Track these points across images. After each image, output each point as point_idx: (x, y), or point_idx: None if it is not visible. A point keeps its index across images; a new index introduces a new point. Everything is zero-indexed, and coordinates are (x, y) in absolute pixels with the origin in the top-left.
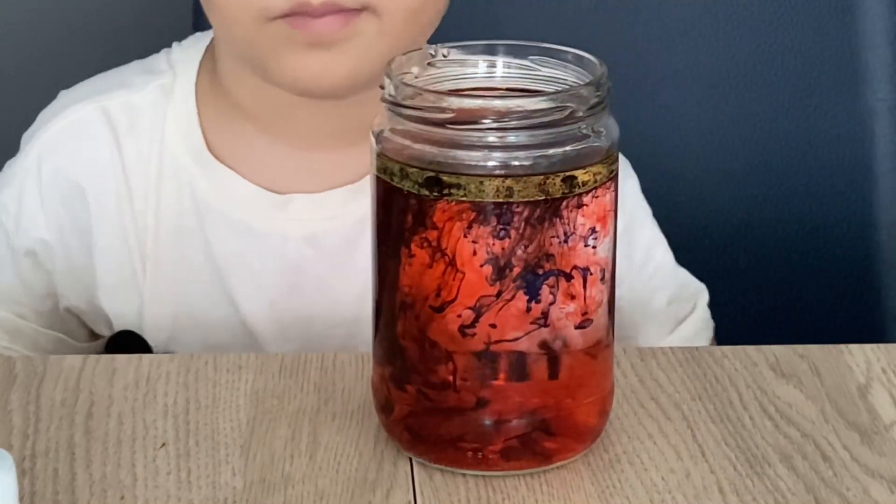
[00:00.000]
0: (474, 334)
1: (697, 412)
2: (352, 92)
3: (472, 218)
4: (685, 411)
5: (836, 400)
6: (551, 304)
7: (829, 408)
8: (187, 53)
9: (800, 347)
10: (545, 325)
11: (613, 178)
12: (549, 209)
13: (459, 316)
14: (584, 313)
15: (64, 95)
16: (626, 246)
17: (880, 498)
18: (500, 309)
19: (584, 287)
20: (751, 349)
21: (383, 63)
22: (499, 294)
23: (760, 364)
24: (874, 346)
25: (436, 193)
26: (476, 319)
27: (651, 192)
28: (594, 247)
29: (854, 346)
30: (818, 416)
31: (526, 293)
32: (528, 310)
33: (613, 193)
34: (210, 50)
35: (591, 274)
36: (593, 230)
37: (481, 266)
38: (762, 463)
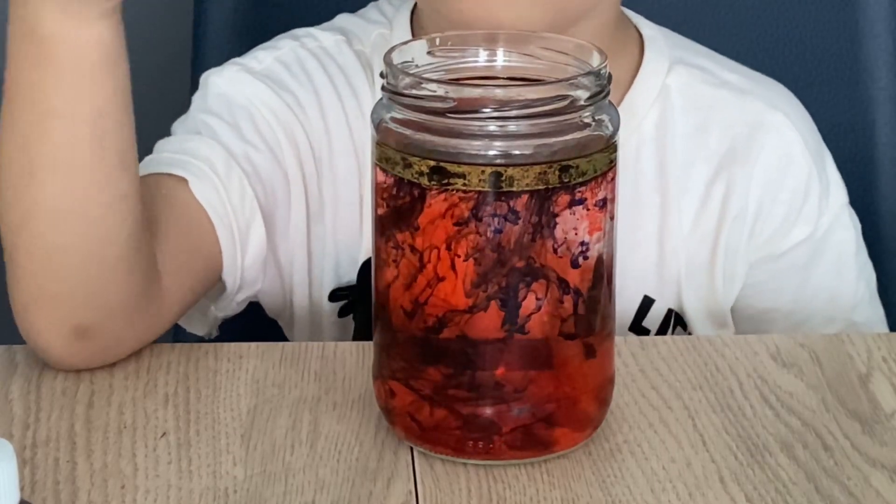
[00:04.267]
0: (447, 345)
1: (698, 401)
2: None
3: (468, 209)
4: (686, 400)
5: (836, 389)
6: (532, 313)
7: (829, 397)
8: (398, 9)
9: (800, 336)
10: (523, 333)
11: (613, 167)
12: (549, 198)
13: (425, 321)
14: (576, 312)
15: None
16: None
17: (881, 487)
18: (468, 319)
19: (580, 285)
20: (752, 338)
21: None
22: (472, 307)
23: (761, 353)
24: (875, 334)
25: (434, 182)
26: (443, 326)
27: None
28: (593, 237)
29: (855, 335)
30: (819, 405)
31: (505, 304)
32: (503, 323)
33: (613, 183)
34: (415, 7)
35: (587, 268)
36: (593, 221)
37: (465, 268)
38: (763, 452)
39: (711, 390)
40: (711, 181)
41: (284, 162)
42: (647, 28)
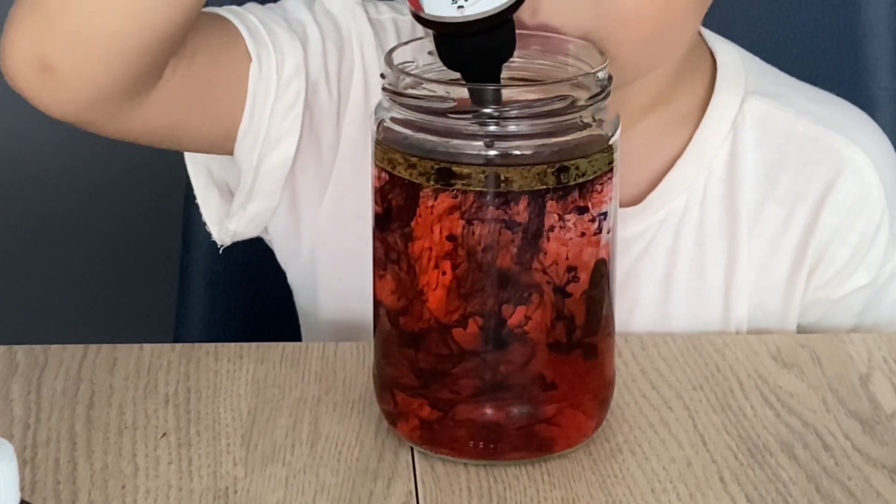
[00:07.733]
0: (447, 348)
1: (699, 401)
2: None
3: (467, 210)
4: (686, 400)
5: (837, 389)
6: (531, 316)
7: (830, 397)
8: None
9: (801, 336)
10: (523, 335)
11: (612, 168)
12: (549, 199)
13: (423, 323)
14: (575, 314)
15: None
16: None
17: (882, 487)
18: (467, 322)
19: (580, 287)
20: (752, 338)
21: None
22: (470, 311)
23: (761, 353)
24: (875, 334)
25: (434, 183)
26: (441, 329)
27: None
28: (593, 237)
29: (855, 335)
30: (819, 406)
31: (503, 307)
32: (502, 326)
33: (613, 185)
34: None
35: (587, 270)
36: (593, 221)
37: (462, 270)
38: (763, 452)
39: (712, 390)
40: (784, 223)
41: (343, 118)
42: (723, 53)
